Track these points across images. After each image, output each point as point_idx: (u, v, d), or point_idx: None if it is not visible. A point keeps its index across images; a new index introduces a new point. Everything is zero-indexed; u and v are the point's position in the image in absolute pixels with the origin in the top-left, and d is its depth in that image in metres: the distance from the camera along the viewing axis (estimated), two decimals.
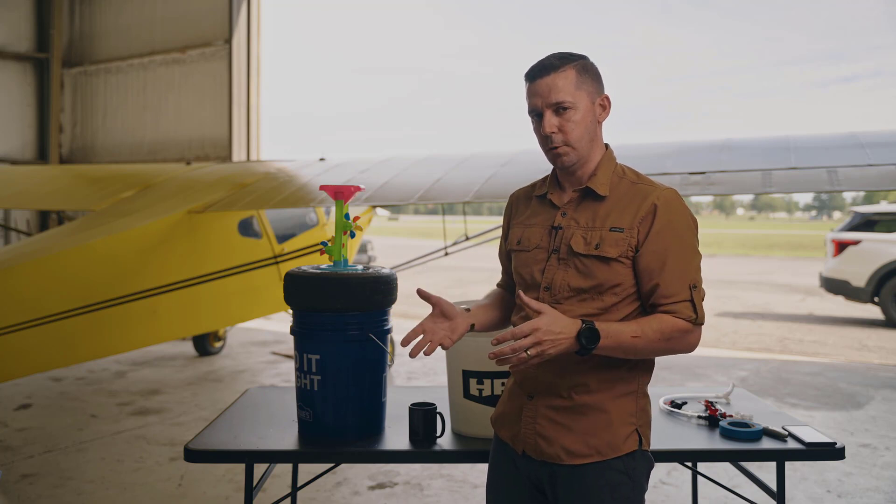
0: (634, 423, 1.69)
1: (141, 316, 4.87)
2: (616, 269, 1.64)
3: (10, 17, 10.95)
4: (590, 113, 1.67)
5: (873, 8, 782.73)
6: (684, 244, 1.65)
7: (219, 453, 2.21)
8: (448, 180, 4.63)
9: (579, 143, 1.67)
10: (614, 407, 1.67)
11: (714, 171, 3.86)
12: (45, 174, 7.57)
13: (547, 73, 1.65)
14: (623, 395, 1.69)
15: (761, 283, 15.91)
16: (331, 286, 2.21)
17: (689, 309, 1.62)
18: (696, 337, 1.65)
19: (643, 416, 1.71)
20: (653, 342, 1.59)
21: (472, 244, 7.01)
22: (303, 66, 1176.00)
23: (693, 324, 1.62)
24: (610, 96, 1.72)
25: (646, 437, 1.71)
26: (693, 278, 1.64)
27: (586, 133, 1.67)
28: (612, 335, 1.56)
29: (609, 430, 1.66)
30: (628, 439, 1.67)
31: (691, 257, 1.66)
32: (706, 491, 3.55)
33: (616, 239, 1.64)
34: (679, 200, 1.68)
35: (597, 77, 1.70)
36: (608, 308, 1.66)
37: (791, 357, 7.70)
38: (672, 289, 1.62)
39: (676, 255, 1.63)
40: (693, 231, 1.68)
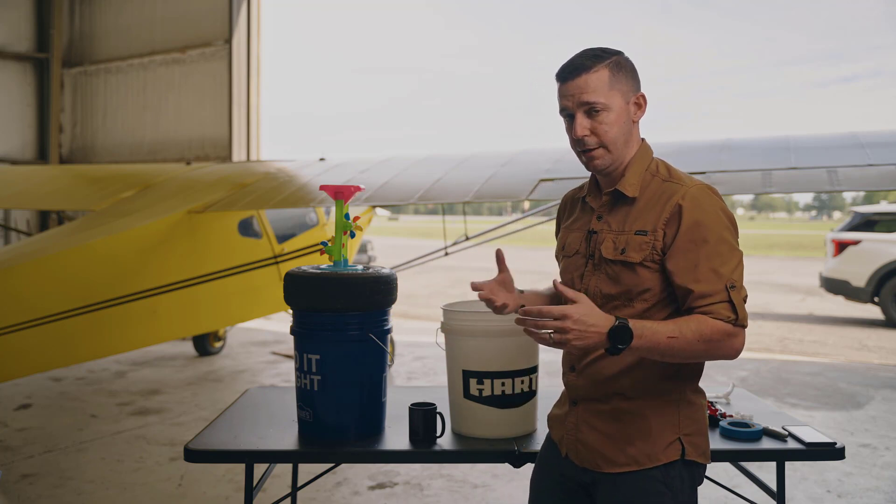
0: (676, 431, 1.61)
1: (141, 316, 4.87)
2: (643, 275, 1.58)
3: (10, 17, 10.95)
4: (624, 113, 1.61)
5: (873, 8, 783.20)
6: (717, 242, 1.54)
7: (219, 453, 2.21)
8: (448, 180, 4.63)
9: (614, 145, 1.61)
10: (654, 415, 1.61)
11: (714, 171, 3.87)
12: (45, 174, 7.57)
13: (578, 73, 1.58)
14: (664, 404, 1.62)
15: (761, 283, 15.89)
16: (331, 286, 2.21)
17: (728, 309, 1.51)
18: (740, 341, 1.53)
19: (689, 425, 1.63)
20: (691, 343, 1.48)
21: (472, 244, 7.00)
22: (303, 66, 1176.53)
23: (733, 325, 1.51)
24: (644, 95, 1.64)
25: (694, 447, 1.63)
26: (730, 277, 1.53)
27: (621, 135, 1.61)
28: (647, 335, 1.46)
29: (648, 438, 1.61)
30: (668, 448, 1.60)
31: (727, 255, 1.54)
32: (706, 491, 3.53)
33: (640, 243, 1.58)
34: (709, 196, 1.57)
35: (632, 74, 1.62)
36: (639, 315, 1.59)
37: (791, 357, 7.70)
38: (707, 290, 1.52)
39: (709, 255, 1.53)
40: (728, 227, 1.56)
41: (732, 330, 1.51)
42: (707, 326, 1.50)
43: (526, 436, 2.27)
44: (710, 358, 1.56)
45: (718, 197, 1.59)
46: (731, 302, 1.52)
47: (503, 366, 2.20)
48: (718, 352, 1.52)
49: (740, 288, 1.54)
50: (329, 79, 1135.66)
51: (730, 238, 1.56)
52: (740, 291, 1.54)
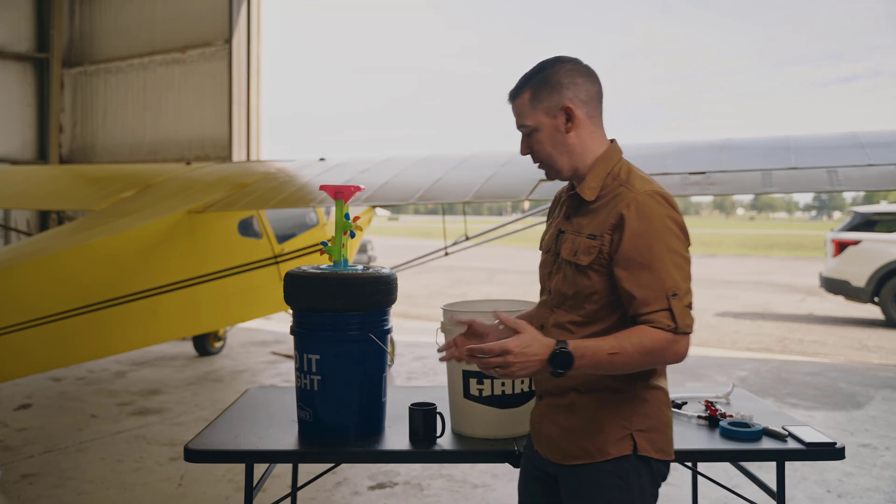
0: (628, 427, 1.64)
1: (141, 316, 4.87)
2: (592, 278, 1.62)
3: (10, 17, 10.95)
4: (552, 129, 1.65)
5: (873, 8, 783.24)
6: (661, 250, 1.55)
7: (219, 453, 2.21)
8: (448, 180, 4.63)
9: (550, 160, 1.68)
10: (605, 410, 1.65)
11: (714, 171, 3.87)
12: (45, 174, 7.56)
13: (511, 98, 1.69)
14: (615, 399, 1.65)
15: (761, 283, 15.90)
16: (331, 286, 2.21)
17: (668, 318, 1.52)
18: (682, 346, 1.54)
19: (642, 421, 1.65)
20: (632, 356, 1.52)
21: (472, 244, 7.00)
22: (303, 66, 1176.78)
23: (674, 333, 1.53)
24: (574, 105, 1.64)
25: (648, 443, 1.65)
26: (672, 286, 1.53)
27: (555, 149, 1.67)
28: (588, 355, 1.51)
29: (599, 433, 1.64)
30: (619, 443, 1.63)
31: (669, 263, 1.54)
32: (706, 491, 3.54)
33: (589, 246, 1.62)
34: (655, 204, 1.58)
35: (556, 88, 1.64)
36: (589, 315, 1.64)
37: (791, 357, 7.70)
38: (648, 298, 1.53)
39: (651, 263, 1.54)
40: (674, 234, 1.57)
41: (673, 338, 1.53)
42: (647, 337, 1.52)
43: (526, 436, 2.26)
44: (654, 366, 1.61)
45: (668, 203, 1.59)
46: (670, 311, 1.53)
47: None
48: (661, 360, 1.56)
49: (683, 295, 1.55)
50: (329, 79, 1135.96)
51: (675, 245, 1.57)
52: (682, 299, 1.54)
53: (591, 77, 1.68)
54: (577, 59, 1.69)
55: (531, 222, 6.70)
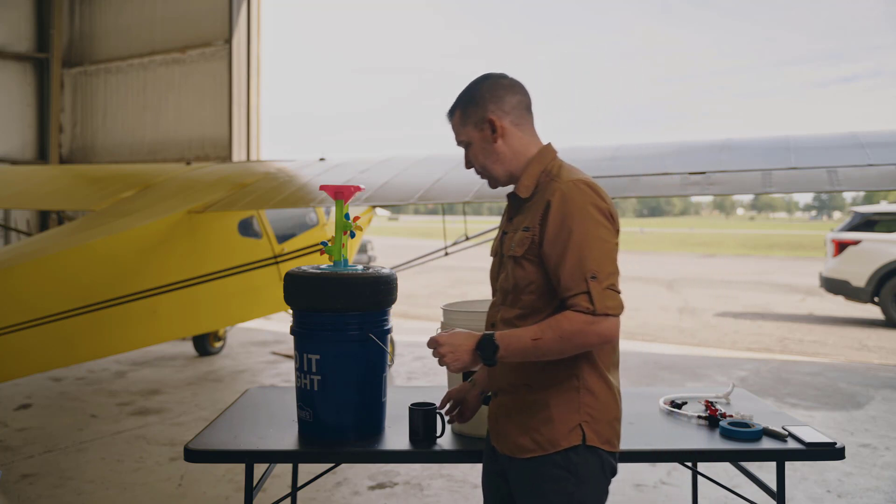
0: (577, 418, 1.69)
1: (141, 316, 4.87)
2: (526, 268, 1.70)
3: (10, 17, 10.95)
4: (482, 141, 1.78)
5: (873, 8, 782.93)
6: (581, 235, 1.61)
7: (219, 453, 2.21)
8: (448, 180, 4.63)
9: (486, 169, 1.81)
10: (555, 402, 1.70)
11: (714, 171, 3.86)
12: (45, 174, 7.56)
13: (448, 118, 1.85)
14: (564, 391, 1.69)
15: (761, 283, 15.90)
16: (331, 286, 2.20)
17: (586, 300, 1.58)
18: (604, 328, 1.58)
19: (589, 413, 1.69)
20: (554, 341, 1.59)
21: (472, 244, 7.00)
22: (303, 66, 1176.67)
23: (593, 315, 1.57)
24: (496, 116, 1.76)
25: (596, 434, 1.69)
26: (592, 269, 1.59)
27: (487, 160, 1.79)
28: (513, 343, 1.63)
29: (550, 425, 1.69)
30: (570, 434, 1.68)
31: (589, 247, 1.61)
32: (706, 491, 3.54)
33: (522, 238, 1.71)
34: (579, 191, 1.65)
35: (479, 104, 1.77)
36: (529, 307, 1.71)
37: (791, 357, 7.70)
38: (570, 282, 1.60)
39: (572, 248, 1.61)
40: (594, 220, 1.63)
41: (591, 320, 1.58)
42: (566, 321, 1.59)
43: None
44: (580, 349, 1.63)
45: (593, 191, 1.66)
46: (588, 293, 1.58)
47: None
48: (583, 342, 1.60)
49: (604, 278, 1.60)
50: (329, 79, 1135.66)
51: (595, 230, 1.63)
52: (602, 281, 1.59)
53: (514, 89, 1.79)
54: (502, 75, 1.82)
55: None
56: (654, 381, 6.43)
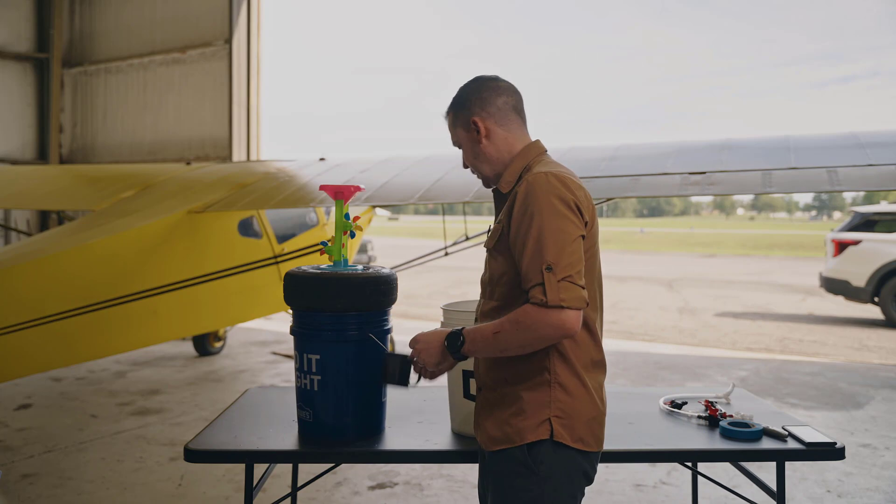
0: (547, 412, 1.68)
1: (141, 316, 4.87)
2: (498, 260, 1.74)
3: (10, 17, 10.95)
4: (469, 142, 1.85)
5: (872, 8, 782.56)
6: (540, 227, 1.60)
7: (219, 453, 2.21)
8: (448, 180, 4.63)
9: (474, 168, 1.88)
10: (527, 396, 1.71)
11: (714, 171, 3.86)
12: (45, 174, 7.56)
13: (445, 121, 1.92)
14: (536, 385, 1.70)
15: (761, 283, 15.90)
16: (331, 286, 2.20)
17: (540, 292, 1.57)
18: (558, 320, 1.57)
19: (561, 409, 1.68)
20: (512, 333, 1.61)
21: (472, 244, 7.00)
22: (303, 66, 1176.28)
23: (545, 307, 1.57)
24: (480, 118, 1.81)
25: (567, 430, 1.68)
26: (548, 260, 1.58)
27: (475, 158, 1.86)
28: (477, 337, 1.67)
29: (520, 417, 1.71)
30: (538, 428, 1.68)
31: (547, 238, 1.59)
32: (706, 491, 3.55)
33: (495, 231, 1.77)
34: (543, 183, 1.64)
35: (465, 106, 1.83)
36: (503, 298, 1.74)
37: (791, 357, 7.70)
38: (528, 273, 1.61)
39: (531, 239, 1.61)
40: (555, 211, 1.61)
41: (544, 311, 1.57)
42: (522, 313, 1.60)
43: None
44: (538, 341, 1.62)
45: (559, 182, 1.65)
46: (542, 284, 1.58)
47: None
48: (538, 334, 1.60)
49: (560, 270, 1.58)
50: (329, 79, 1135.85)
51: (556, 222, 1.61)
52: (557, 273, 1.57)
53: (499, 91, 1.83)
54: (492, 77, 1.86)
55: None
56: (654, 381, 6.44)
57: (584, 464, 1.72)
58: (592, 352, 1.74)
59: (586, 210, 1.67)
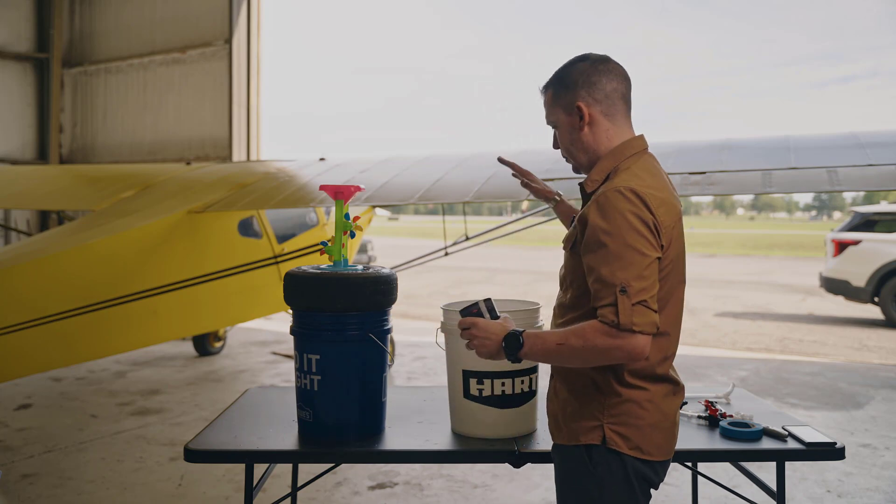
0: (599, 419, 1.67)
1: (141, 316, 4.87)
2: (574, 261, 1.70)
3: (10, 17, 10.95)
4: (568, 125, 1.75)
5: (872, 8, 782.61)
6: (617, 246, 1.54)
7: (219, 453, 2.21)
8: (448, 180, 4.63)
9: (570, 153, 1.78)
10: (580, 399, 1.71)
11: (714, 171, 3.86)
12: (45, 174, 7.56)
13: (542, 95, 1.81)
14: (589, 391, 1.69)
15: (761, 283, 15.90)
16: (331, 286, 2.21)
17: (612, 313, 1.52)
18: (628, 343, 1.52)
19: (614, 416, 1.66)
20: (576, 350, 1.56)
21: (472, 244, 7.00)
22: (303, 66, 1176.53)
23: (617, 329, 1.52)
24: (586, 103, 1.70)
25: (622, 438, 1.65)
26: (623, 280, 1.52)
27: (571, 144, 1.76)
28: (538, 344, 1.61)
29: (575, 416, 1.71)
30: (590, 433, 1.68)
31: (624, 259, 1.54)
32: (706, 491, 3.54)
33: (571, 233, 1.73)
34: (619, 199, 1.57)
35: (570, 87, 1.72)
36: (573, 300, 1.72)
37: (791, 357, 7.70)
38: (600, 291, 1.56)
39: (606, 258, 1.55)
40: (633, 230, 1.55)
41: (615, 333, 1.53)
42: (590, 331, 1.55)
43: (526, 436, 2.27)
44: (604, 361, 1.59)
45: (638, 200, 1.57)
46: (615, 306, 1.53)
47: (503, 366, 2.20)
48: (604, 356, 1.57)
49: (635, 293, 1.53)
50: (329, 79, 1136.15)
51: (632, 242, 1.55)
52: (632, 297, 1.52)
53: (611, 75, 1.72)
54: (603, 58, 1.74)
55: (531, 222, 6.70)
56: None
57: (645, 470, 1.68)
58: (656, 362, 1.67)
59: (665, 231, 1.60)
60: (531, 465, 2.22)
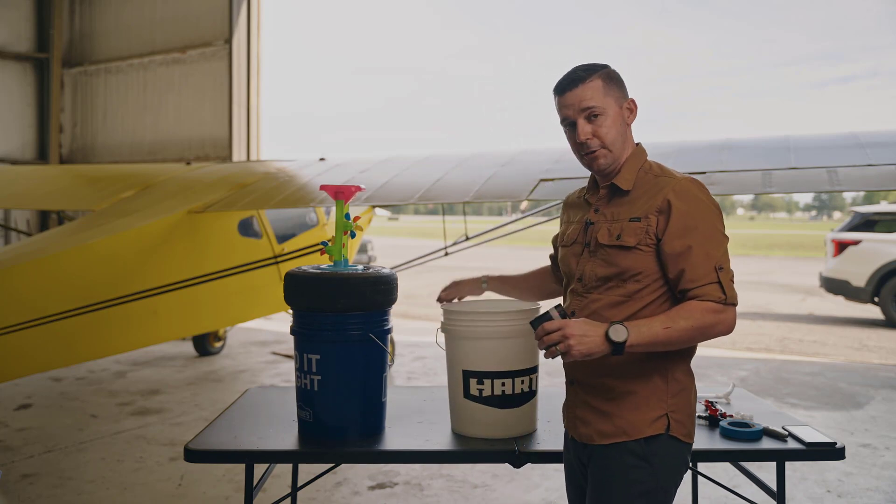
0: (665, 407, 1.72)
1: (141, 316, 4.87)
2: (637, 257, 1.72)
3: (10, 17, 10.95)
4: (619, 116, 1.78)
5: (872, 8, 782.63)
6: (706, 228, 1.69)
7: (219, 453, 2.21)
8: (448, 180, 4.63)
9: (613, 145, 1.78)
10: (642, 389, 1.73)
11: (714, 171, 3.86)
12: (45, 174, 7.56)
13: (576, 84, 1.76)
14: (652, 380, 1.73)
15: (761, 283, 15.89)
16: (331, 286, 2.21)
17: (718, 290, 1.64)
18: (730, 317, 1.66)
19: (677, 403, 1.74)
20: (685, 330, 1.62)
21: (472, 244, 7.00)
22: (303, 66, 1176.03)
23: (724, 304, 1.65)
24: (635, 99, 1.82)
25: (679, 424, 1.73)
26: (718, 260, 1.67)
27: (619, 136, 1.79)
28: (644, 331, 1.61)
29: (636, 411, 1.72)
30: (655, 423, 1.71)
31: (715, 240, 1.68)
32: (706, 491, 3.54)
33: (634, 228, 1.73)
34: (696, 188, 1.73)
35: (621, 83, 1.81)
36: (631, 295, 1.74)
37: (791, 357, 7.70)
38: (698, 273, 1.65)
39: (699, 240, 1.67)
40: (715, 215, 1.71)
41: (722, 308, 1.65)
42: (696, 310, 1.64)
43: (526, 436, 2.27)
44: (706, 338, 1.67)
45: (705, 189, 1.76)
46: (720, 283, 1.65)
47: (503, 366, 2.20)
48: (712, 331, 1.65)
49: (727, 270, 1.68)
50: (329, 79, 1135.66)
51: (718, 225, 1.71)
52: (727, 273, 1.68)
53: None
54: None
55: (531, 222, 6.70)
56: None
57: (687, 454, 1.78)
58: (693, 349, 1.79)
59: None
60: (531, 465, 2.22)
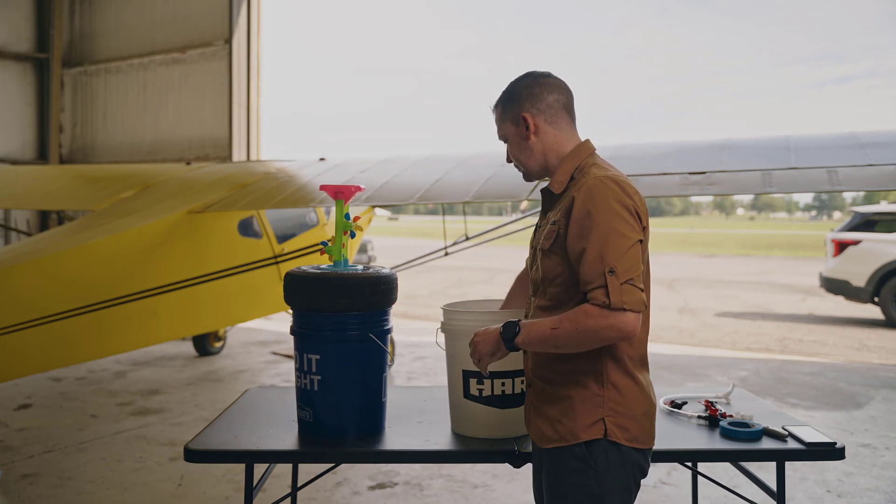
0: (600, 412, 1.70)
1: (141, 316, 4.87)
2: (554, 261, 1.74)
3: (10, 17, 10.95)
4: (516, 136, 1.85)
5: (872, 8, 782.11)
6: (603, 229, 1.63)
7: (219, 453, 2.21)
8: (448, 180, 4.63)
9: (519, 162, 1.88)
10: (577, 395, 1.72)
11: (714, 171, 3.86)
12: (45, 174, 7.56)
13: (493, 113, 1.91)
14: (587, 386, 1.71)
15: (761, 283, 15.90)
16: (331, 286, 2.21)
17: (603, 294, 1.59)
18: (621, 321, 1.59)
19: (613, 408, 1.71)
20: (570, 333, 1.62)
21: (472, 244, 7.00)
22: (303, 66, 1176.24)
23: (608, 309, 1.59)
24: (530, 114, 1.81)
25: (620, 429, 1.70)
26: (611, 263, 1.60)
27: (522, 153, 1.85)
28: (534, 330, 1.68)
29: (571, 416, 1.72)
30: (591, 428, 1.70)
31: (610, 242, 1.62)
32: (706, 491, 3.54)
33: (550, 232, 1.76)
34: (603, 187, 1.67)
35: (516, 101, 1.83)
36: (555, 298, 1.75)
37: (791, 357, 7.70)
38: (589, 275, 1.62)
39: (593, 242, 1.63)
40: (617, 215, 1.64)
41: (607, 313, 1.60)
42: (581, 314, 1.62)
43: (526, 436, 2.26)
44: (598, 342, 1.64)
45: (619, 187, 1.68)
46: (605, 287, 1.60)
47: (503, 366, 2.19)
48: (598, 336, 1.62)
49: (622, 273, 1.60)
50: (329, 79, 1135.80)
51: (616, 225, 1.64)
52: (620, 276, 1.60)
53: (551, 88, 1.83)
54: (544, 73, 1.86)
55: (531, 222, 6.69)
56: (655, 381, 6.38)
57: (639, 458, 1.75)
58: (639, 349, 1.77)
59: (643, 215, 1.71)
60: (531, 464, 2.22)
